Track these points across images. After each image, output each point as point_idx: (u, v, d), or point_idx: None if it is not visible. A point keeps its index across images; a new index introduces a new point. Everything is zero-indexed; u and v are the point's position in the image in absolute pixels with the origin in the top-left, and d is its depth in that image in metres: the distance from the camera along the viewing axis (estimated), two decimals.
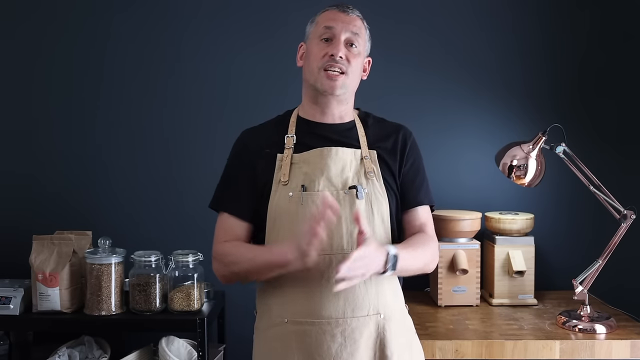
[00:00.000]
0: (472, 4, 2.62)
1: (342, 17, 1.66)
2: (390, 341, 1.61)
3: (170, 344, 2.29)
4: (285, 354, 1.58)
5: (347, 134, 1.70)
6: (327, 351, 1.55)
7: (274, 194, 1.63)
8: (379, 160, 1.68)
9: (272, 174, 1.65)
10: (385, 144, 1.71)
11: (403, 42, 2.61)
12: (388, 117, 1.84)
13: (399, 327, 1.65)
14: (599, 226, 2.50)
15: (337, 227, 1.57)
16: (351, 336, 1.57)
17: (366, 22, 1.73)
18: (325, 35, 1.65)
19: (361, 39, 1.67)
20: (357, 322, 1.58)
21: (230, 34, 2.62)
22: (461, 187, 2.61)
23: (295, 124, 1.71)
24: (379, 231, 1.63)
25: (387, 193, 1.65)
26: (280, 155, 1.66)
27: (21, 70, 2.63)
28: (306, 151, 1.66)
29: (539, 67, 2.62)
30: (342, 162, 1.64)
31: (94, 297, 2.23)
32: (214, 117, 2.63)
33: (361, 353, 1.57)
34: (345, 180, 1.63)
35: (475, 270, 2.35)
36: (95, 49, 2.62)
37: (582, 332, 2.05)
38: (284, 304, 1.61)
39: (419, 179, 1.73)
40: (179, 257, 2.27)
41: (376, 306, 1.60)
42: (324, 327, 1.56)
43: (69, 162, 2.63)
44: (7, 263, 2.54)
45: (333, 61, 1.62)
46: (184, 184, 2.63)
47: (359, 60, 1.67)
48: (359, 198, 1.60)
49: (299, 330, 1.58)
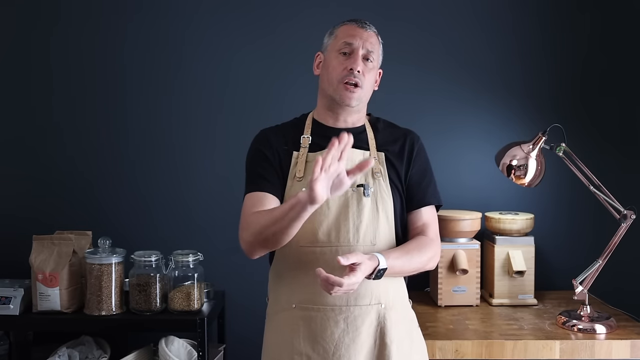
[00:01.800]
0: (472, 5, 2.62)
1: (360, 33, 1.76)
2: (390, 330, 1.69)
3: (170, 344, 2.29)
4: (292, 336, 1.69)
5: (358, 137, 1.78)
6: (331, 336, 1.66)
7: (289, 188, 1.73)
8: (386, 162, 1.78)
9: (288, 169, 1.75)
10: (393, 147, 1.80)
11: (403, 42, 2.61)
12: (388, 117, 1.88)
13: (400, 318, 1.74)
14: (599, 226, 2.51)
15: (343, 221, 1.69)
16: (353, 323, 1.67)
17: (380, 39, 1.81)
18: (344, 50, 1.75)
19: (376, 54, 1.78)
20: (360, 310, 1.68)
21: (231, 31, 2.62)
22: (461, 187, 2.61)
23: (311, 126, 1.81)
24: (383, 228, 1.72)
25: (392, 193, 1.75)
26: (296, 153, 1.76)
27: (21, 70, 2.63)
28: (320, 151, 1.74)
29: (539, 67, 2.62)
30: (352, 162, 1.71)
31: (94, 297, 2.23)
32: (214, 117, 2.63)
33: (362, 339, 1.67)
34: (354, 179, 1.67)
35: (475, 270, 2.35)
36: (95, 48, 2.62)
37: (582, 332, 2.05)
38: (293, 291, 1.71)
39: (426, 181, 1.82)
40: (179, 257, 2.27)
41: (377, 296, 1.70)
42: (328, 313, 1.67)
43: (69, 162, 2.63)
44: (7, 263, 2.54)
45: (352, 75, 1.72)
46: (184, 183, 2.63)
47: (373, 74, 1.78)
48: (366, 196, 1.71)
49: (305, 316, 1.68)
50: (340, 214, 1.69)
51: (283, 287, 1.73)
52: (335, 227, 1.68)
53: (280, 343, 1.71)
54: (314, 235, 1.68)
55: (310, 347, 1.66)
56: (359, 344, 1.66)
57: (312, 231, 1.68)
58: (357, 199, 1.71)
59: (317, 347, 1.66)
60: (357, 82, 1.73)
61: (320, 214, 1.68)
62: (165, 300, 2.27)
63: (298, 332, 1.68)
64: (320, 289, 1.59)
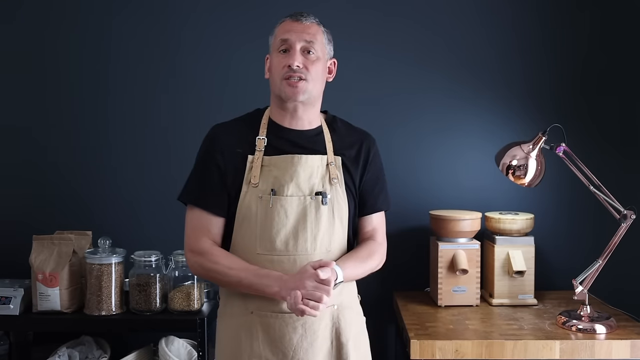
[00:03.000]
0: (474, 2, 2.62)
1: (296, 26, 1.74)
2: (344, 329, 1.74)
3: (170, 344, 2.29)
4: (251, 340, 1.70)
5: (315, 140, 1.79)
6: (289, 341, 1.68)
7: (244, 194, 1.72)
8: (342, 166, 1.78)
9: (242, 173, 1.73)
10: (349, 151, 1.81)
11: (405, 40, 2.61)
12: (389, 117, 1.87)
13: (352, 315, 1.79)
14: (599, 226, 2.50)
15: (302, 231, 1.70)
16: (311, 327, 1.69)
17: (324, 27, 1.79)
18: (282, 47, 1.74)
19: (318, 44, 1.75)
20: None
21: (230, 29, 2.61)
22: (461, 187, 2.61)
23: (267, 127, 1.79)
24: (338, 234, 1.75)
25: (347, 198, 1.77)
26: (251, 156, 1.74)
27: (20, 70, 2.62)
28: (276, 155, 1.74)
29: (540, 66, 2.62)
30: (310, 168, 1.73)
31: (94, 297, 2.23)
32: (213, 116, 2.61)
33: (320, 342, 1.71)
34: (312, 186, 1.73)
35: (475, 270, 2.35)
36: (93, 46, 2.61)
37: (582, 332, 2.05)
38: (248, 297, 1.71)
39: (379, 187, 1.84)
40: (179, 257, 2.27)
41: (331, 299, 1.66)
42: (286, 319, 1.69)
43: (69, 162, 2.63)
44: (7, 263, 2.54)
45: (291, 71, 1.71)
46: (184, 183, 2.62)
47: (318, 65, 1.74)
48: (324, 204, 1.72)
49: (263, 322, 1.70)
50: (299, 223, 1.69)
51: (238, 292, 1.72)
52: (293, 236, 1.69)
53: (238, 345, 1.71)
54: (272, 244, 1.68)
55: (269, 351, 1.68)
56: (316, 347, 1.69)
57: (269, 239, 1.68)
58: (315, 207, 1.71)
59: (276, 351, 1.68)
60: (299, 77, 1.70)
61: (278, 223, 1.68)
62: (165, 300, 2.27)
63: (257, 337, 1.69)
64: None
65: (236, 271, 1.66)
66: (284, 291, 1.59)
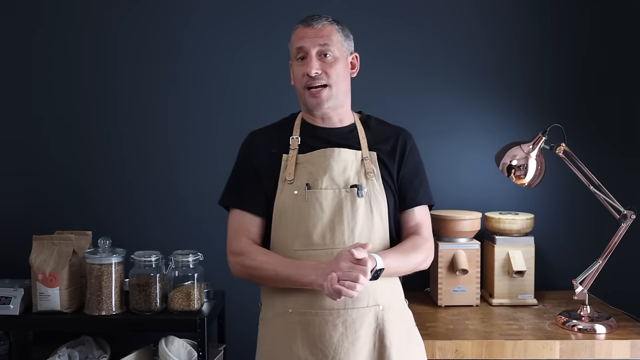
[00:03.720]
0: (474, 4, 2.62)
1: (308, 32, 1.73)
2: (388, 331, 1.68)
3: (170, 344, 2.29)
4: (290, 342, 1.66)
5: (348, 137, 1.78)
6: (330, 340, 1.63)
7: (280, 192, 1.72)
8: (378, 161, 1.75)
9: (278, 172, 1.73)
10: (385, 146, 1.78)
11: (405, 42, 2.61)
12: (389, 117, 1.87)
13: (397, 318, 1.73)
14: (599, 226, 2.50)
15: (338, 223, 1.67)
16: (352, 326, 1.64)
17: (338, 24, 1.76)
18: (299, 55, 1.74)
19: (334, 45, 1.73)
20: (357, 312, 1.66)
21: (230, 30, 2.61)
22: (461, 187, 2.61)
23: (300, 127, 1.80)
24: (378, 228, 1.71)
25: (385, 193, 1.73)
26: (285, 155, 1.75)
27: (21, 70, 2.63)
28: (310, 152, 1.74)
29: (540, 66, 2.62)
30: (344, 162, 1.72)
31: (94, 297, 2.23)
32: (214, 116, 2.63)
33: (362, 342, 1.65)
34: (347, 179, 1.71)
35: (475, 270, 2.35)
36: (94, 47, 2.62)
37: (582, 332, 2.05)
38: (288, 296, 1.68)
39: (418, 180, 1.80)
40: (179, 257, 2.27)
41: (375, 298, 1.68)
42: (326, 317, 1.64)
43: (69, 162, 2.63)
44: (7, 263, 2.54)
45: (311, 79, 1.71)
46: (184, 183, 2.63)
47: (337, 66, 1.73)
48: (360, 196, 1.69)
49: (302, 320, 1.66)
50: (335, 216, 1.67)
51: (277, 292, 1.70)
52: (330, 229, 1.66)
53: (277, 348, 1.68)
54: (309, 238, 1.67)
55: (308, 351, 1.64)
56: (358, 347, 1.64)
57: (306, 234, 1.67)
58: (351, 200, 1.68)
59: (315, 351, 1.63)
60: (321, 84, 1.71)
61: (314, 217, 1.67)
62: (165, 300, 2.27)
63: (296, 337, 1.65)
64: (317, 293, 1.61)
65: (273, 265, 1.65)
66: (321, 278, 1.55)
